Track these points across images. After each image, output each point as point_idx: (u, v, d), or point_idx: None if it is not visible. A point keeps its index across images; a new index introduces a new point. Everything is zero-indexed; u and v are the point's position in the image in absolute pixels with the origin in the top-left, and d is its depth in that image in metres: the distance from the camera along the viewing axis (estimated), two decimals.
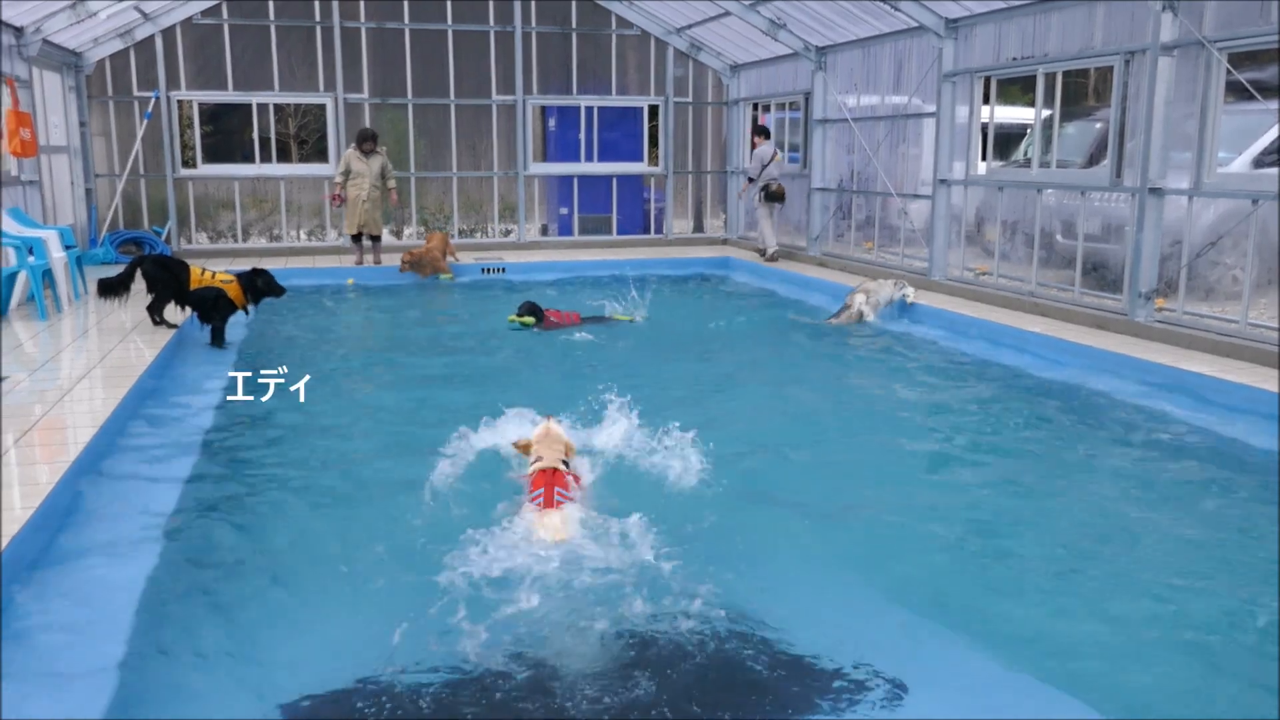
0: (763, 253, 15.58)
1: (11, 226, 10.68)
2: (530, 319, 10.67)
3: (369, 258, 14.95)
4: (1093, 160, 10.80)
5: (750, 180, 15.46)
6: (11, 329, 9.46)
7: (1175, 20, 8.96)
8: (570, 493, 5.02)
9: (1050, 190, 10.81)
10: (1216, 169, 8.79)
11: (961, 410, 7.57)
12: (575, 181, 17.85)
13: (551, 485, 4.98)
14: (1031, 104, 11.27)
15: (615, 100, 17.66)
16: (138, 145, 15.58)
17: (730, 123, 18.19)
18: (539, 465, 5.19)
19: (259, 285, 9.57)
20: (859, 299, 11.03)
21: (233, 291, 9.39)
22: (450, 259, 14.69)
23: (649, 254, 16.56)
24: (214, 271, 9.59)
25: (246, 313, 9.70)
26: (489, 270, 15.08)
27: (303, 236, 16.79)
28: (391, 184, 14.76)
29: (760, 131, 15.47)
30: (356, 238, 14.88)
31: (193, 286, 9.31)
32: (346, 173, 14.57)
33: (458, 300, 13.07)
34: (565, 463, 5.29)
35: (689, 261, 16.11)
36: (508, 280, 14.65)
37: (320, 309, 12.10)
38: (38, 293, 10.00)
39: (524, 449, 5.51)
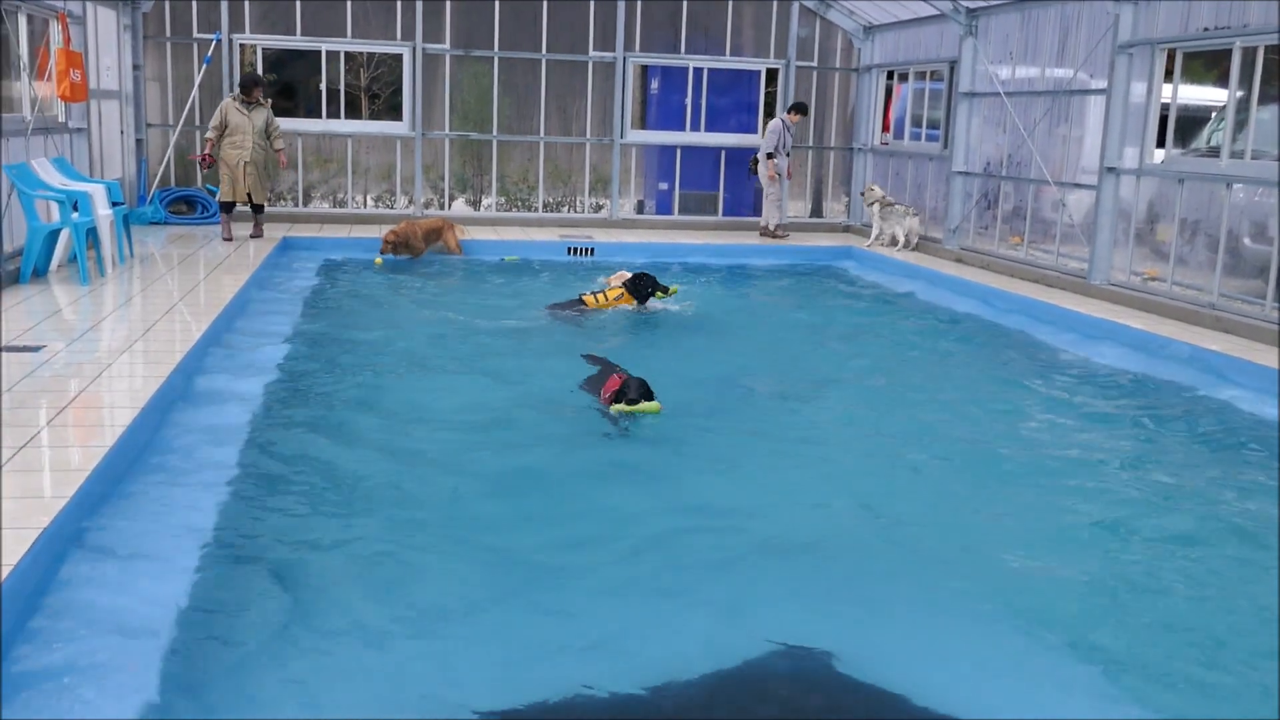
0: (768, 230, 16.72)
1: (55, 178, 10.88)
2: (657, 405, 7.27)
3: (250, 229, 14.15)
4: None
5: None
6: (50, 292, 9.66)
7: None
8: None
9: (1240, 185, 10.38)
10: None
11: None
12: (678, 153, 17.74)
13: None
14: (1222, 83, 10.84)
15: (728, 62, 17.50)
16: (195, 92, 15.86)
17: (860, 92, 17.89)
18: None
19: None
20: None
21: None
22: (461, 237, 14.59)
23: (759, 240, 16.41)
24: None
25: None
26: (576, 250, 14.98)
27: (370, 203, 16.95)
28: (280, 144, 14.06)
29: (800, 108, 16.53)
30: (229, 206, 14.00)
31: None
32: (222, 127, 13.62)
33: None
34: None
35: (806, 250, 15.88)
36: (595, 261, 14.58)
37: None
38: (80, 253, 10.18)
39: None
